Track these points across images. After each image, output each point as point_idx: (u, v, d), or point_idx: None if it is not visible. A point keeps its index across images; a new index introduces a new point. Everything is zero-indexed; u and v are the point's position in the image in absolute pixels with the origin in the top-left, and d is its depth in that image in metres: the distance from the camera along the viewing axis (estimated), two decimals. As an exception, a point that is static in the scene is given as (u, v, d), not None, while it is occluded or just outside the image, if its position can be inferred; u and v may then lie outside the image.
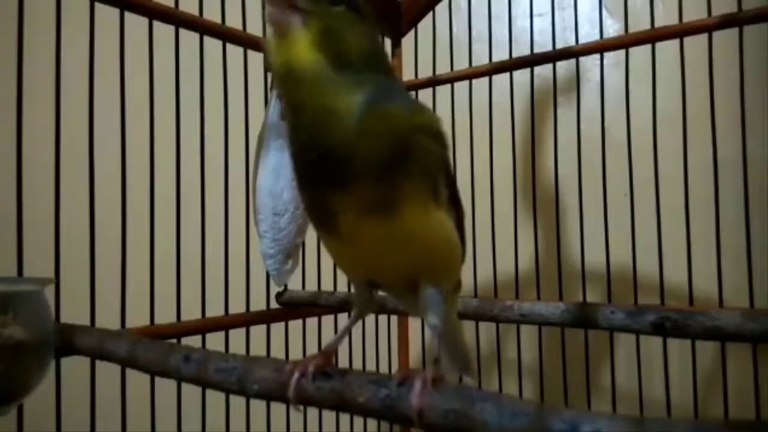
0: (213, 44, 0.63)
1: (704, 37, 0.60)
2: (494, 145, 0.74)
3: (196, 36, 0.61)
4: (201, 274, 0.61)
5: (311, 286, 0.73)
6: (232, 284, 0.64)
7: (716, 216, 0.59)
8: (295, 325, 0.72)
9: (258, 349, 0.63)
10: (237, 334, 0.64)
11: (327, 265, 0.68)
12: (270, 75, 0.67)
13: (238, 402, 0.48)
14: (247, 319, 0.65)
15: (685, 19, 0.61)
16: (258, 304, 0.68)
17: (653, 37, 0.63)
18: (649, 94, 0.63)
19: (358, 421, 0.77)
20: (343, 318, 0.40)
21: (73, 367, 0.48)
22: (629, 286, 0.64)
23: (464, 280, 0.72)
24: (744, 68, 0.58)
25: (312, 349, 0.63)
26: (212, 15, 0.63)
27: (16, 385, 0.40)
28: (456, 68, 0.78)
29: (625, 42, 0.64)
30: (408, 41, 0.81)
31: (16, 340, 0.39)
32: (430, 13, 0.80)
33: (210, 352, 0.36)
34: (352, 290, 0.44)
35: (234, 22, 0.65)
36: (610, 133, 0.67)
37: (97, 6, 0.53)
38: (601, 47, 0.66)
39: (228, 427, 0.62)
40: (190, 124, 0.60)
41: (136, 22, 0.55)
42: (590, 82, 0.85)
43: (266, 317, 0.67)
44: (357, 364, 0.77)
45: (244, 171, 0.67)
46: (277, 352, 0.65)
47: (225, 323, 0.63)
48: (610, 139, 0.66)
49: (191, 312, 0.60)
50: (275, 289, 0.71)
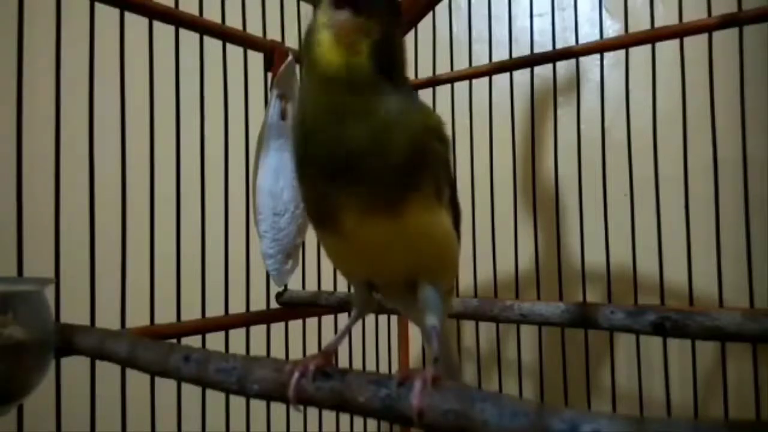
0: (213, 44, 0.63)
1: (704, 37, 0.60)
2: (494, 145, 0.74)
3: (196, 36, 0.61)
4: (201, 274, 0.61)
5: (311, 286, 0.73)
6: (232, 284, 0.64)
7: (716, 216, 0.59)
8: (295, 325, 0.72)
9: (258, 349, 0.63)
10: (237, 334, 0.64)
11: (327, 265, 0.68)
12: (269, 75, 0.67)
13: (238, 402, 0.48)
14: (247, 319, 0.65)
15: (685, 19, 0.61)
16: (258, 304, 0.68)
17: (653, 37, 0.63)
18: (649, 94, 0.63)
19: (358, 421, 0.77)
20: (343, 318, 0.40)
21: (73, 367, 0.48)
22: (629, 286, 0.64)
23: (464, 280, 0.74)
24: (744, 68, 0.58)
25: (312, 349, 0.63)
26: (212, 15, 0.63)
27: (16, 385, 0.40)
28: (456, 68, 0.78)
29: (625, 42, 0.64)
30: (408, 41, 0.80)
31: (16, 340, 0.39)
32: (430, 13, 0.80)
33: (210, 352, 0.36)
34: (352, 290, 0.44)
35: (234, 22, 0.65)
36: (610, 133, 0.67)
37: (97, 6, 0.53)
38: (601, 47, 0.66)
39: (228, 427, 0.62)
40: (190, 124, 0.60)
41: (136, 22, 0.55)
42: (590, 82, 0.85)
43: (266, 317, 0.67)
44: (357, 364, 0.77)
45: (244, 171, 0.67)
46: (277, 352, 0.65)
47: (225, 323, 0.63)
48: (610, 139, 0.66)
49: (191, 312, 0.60)
50: (275, 289, 0.71)
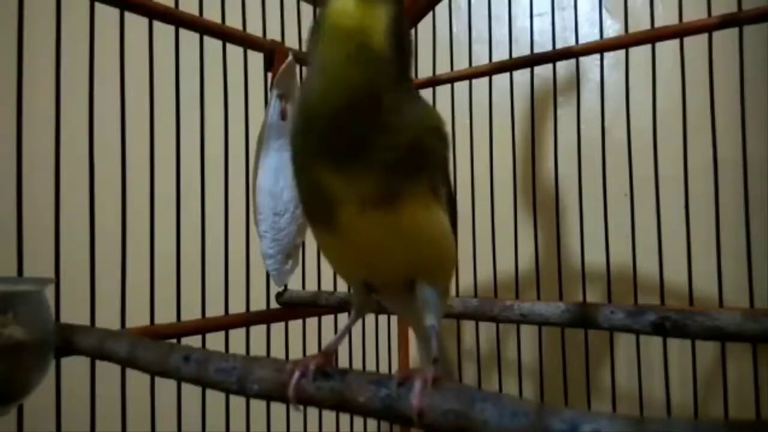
0: (213, 44, 0.63)
1: (704, 37, 0.60)
2: (494, 145, 0.74)
3: (196, 36, 0.61)
4: (201, 274, 0.61)
5: (311, 286, 0.73)
6: (232, 284, 0.64)
7: (716, 216, 0.59)
8: (295, 325, 0.72)
9: (258, 349, 0.63)
10: (237, 334, 0.64)
11: (327, 265, 0.68)
12: (269, 75, 0.67)
13: (238, 402, 0.48)
14: (247, 319, 0.65)
15: (685, 19, 0.61)
16: (258, 304, 0.68)
17: (653, 37, 0.63)
18: (649, 94, 0.63)
19: (358, 421, 0.77)
20: (343, 318, 0.40)
21: (73, 367, 0.48)
22: (629, 286, 0.64)
23: (464, 280, 0.74)
24: (744, 68, 0.58)
25: (312, 349, 0.63)
26: (212, 15, 0.63)
27: (16, 385, 0.40)
28: (456, 68, 0.78)
29: (625, 42, 0.64)
30: (408, 41, 0.80)
31: (16, 340, 0.39)
32: (430, 13, 0.80)
33: (210, 352, 0.36)
34: (351, 290, 0.44)
35: (234, 22, 0.65)
36: (610, 133, 0.66)
37: (97, 6, 0.53)
38: (601, 47, 0.66)
39: (228, 427, 0.62)
40: (190, 124, 0.60)
41: (136, 22, 0.55)
42: (590, 82, 0.85)
43: (266, 317, 0.67)
44: (357, 364, 0.77)
45: (244, 171, 0.67)
46: (277, 352, 0.65)
47: (225, 323, 0.63)
48: (610, 139, 0.66)
49: (191, 312, 0.60)
50: (275, 289, 0.71)
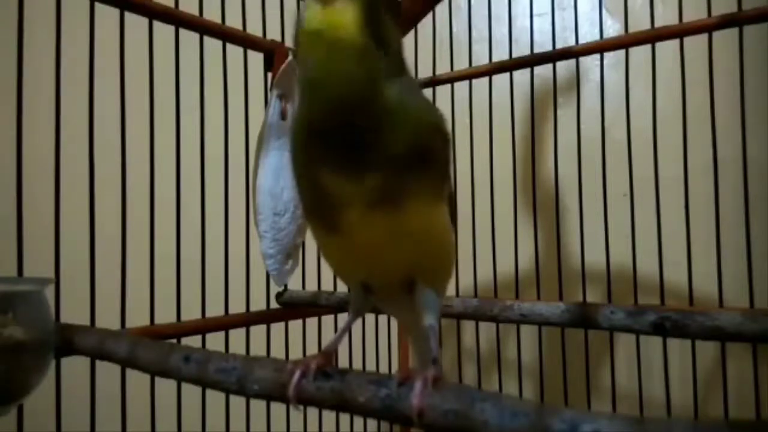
0: (213, 44, 0.63)
1: (704, 37, 0.60)
2: (494, 145, 0.74)
3: (196, 36, 0.61)
4: (201, 274, 0.61)
5: (311, 286, 0.73)
6: (232, 284, 0.64)
7: (716, 216, 0.59)
8: (295, 325, 0.72)
9: (258, 349, 0.63)
10: (237, 334, 0.64)
11: (327, 265, 0.68)
12: (270, 76, 0.67)
13: (238, 402, 0.48)
14: (247, 319, 0.65)
15: (685, 19, 0.61)
16: (258, 304, 0.68)
17: (653, 37, 0.63)
18: (649, 94, 0.63)
19: (358, 421, 0.77)
20: (343, 318, 0.40)
21: (73, 367, 0.48)
22: (629, 286, 0.64)
23: (464, 280, 0.73)
24: (744, 68, 0.58)
25: (312, 349, 0.63)
26: (212, 15, 0.63)
27: (16, 385, 0.40)
28: (456, 68, 0.78)
29: (625, 42, 0.64)
30: (408, 41, 0.80)
31: (16, 340, 0.39)
32: (430, 13, 0.80)
33: (210, 352, 0.36)
34: (350, 291, 0.43)
35: (234, 22, 0.65)
36: (610, 133, 0.66)
37: (97, 6, 0.53)
38: (601, 47, 0.66)
39: (228, 427, 0.62)
40: (190, 124, 0.60)
41: (136, 22, 0.55)
42: (590, 82, 0.85)
43: (266, 317, 0.67)
44: (357, 364, 0.77)
45: (244, 171, 0.67)
46: (277, 352, 0.65)
47: (225, 323, 0.63)
48: (610, 139, 0.66)
49: (191, 312, 0.60)
50: (275, 289, 0.71)
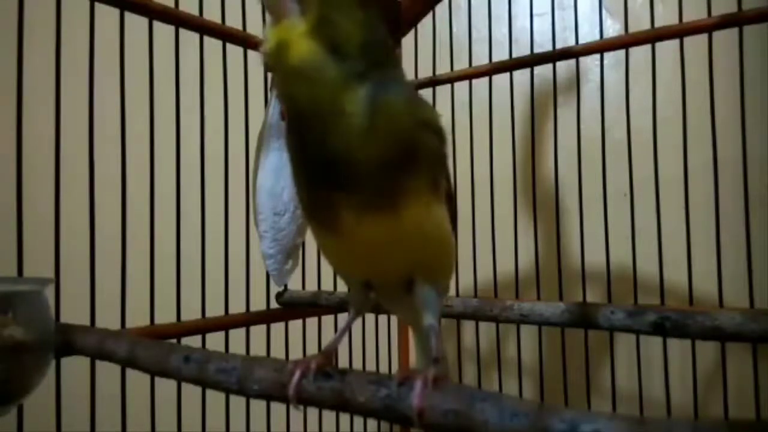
0: (213, 44, 0.63)
1: (704, 37, 0.60)
2: (494, 145, 0.74)
3: (196, 36, 0.61)
4: (201, 274, 0.61)
5: (311, 286, 0.73)
6: (232, 284, 0.64)
7: (716, 216, 0.59)
8: (295, 325, 0.72)
9: (258, 349, 0.63)
10: (237, 334, 0.64)
11: (327, 265, 0.68)
12: (270, 75, 0.67)
13: (238, 402, 0.48)
14: (247, 319, 0.65)
15: (685, 19, 0.61)
16: (258, 304, 0.68)
17: (653, 37, 0.63)
18: (649, 94, 0.63)
19: (358, 421, 0.77)
20: (343, 318, 0.40)
21: (73, 367, 0.48)
22: (629, 286, 0.64)
23: (464, 280, 0.73)
24: (744, 68, 0.58)
25: (312, 349, 0.63)
26: (212, 15, 0.63)
27: (16, 385, 0.40)
28: (456, 68, 0.78)
29: (625, 42, 0.64)
30: (408, 41, 0.80)
31: (16, 340, 0.39)
32: (430, 13, 0.80)
33: (210, 352, 0.36)
34: (350, 290, 0.43)
35: (234, 22, 0.65)
36: (610, 133, 0.66)
37: (97, 6, 0.53)
38: (601, 47, 0.66)
39: (228, 427, 0.62)
40: (190, 124, 0.60)
41: (136, 22, 0.55)
42: (590, 82, 0.85)
43: (266, 317, 0.67)
44: (357, 364, 0.77)
45: (244, 171, 0.67)
46: (277, 352, 0.65)
47: (225, 323, 0.63)
48: (610, 139, 0.66)
49: (191, 312, 0.60)
50: (275, 289, 0.71)
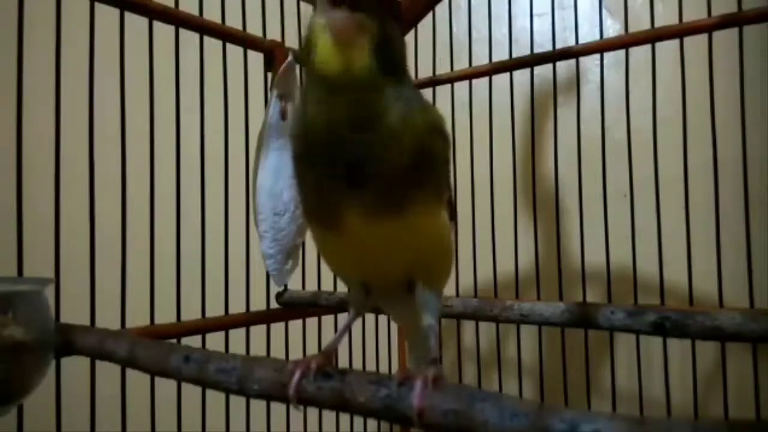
0: (213, 44, 0.63)
1: (704, 37, 0.60)
2: (494, 145, 0.74)
3: (196, 36, 0.61)
4: (201, 274, 0.61)
5: (311, 286, 0.73)
6: (232, 284, 0.64)
7: (716, 216, 0.59)
8: (295, 325, 0.72)
9: (258, 349, 0.63)
10: (237, 334, 0.64)
11: (327, 265, 0.68)
12: (269, 74, 0.67)
13: (238, 402, 0.48)
14: (247, 319, 0.65)
15: (685, 19, 0.61)
16: (258, 304, 0.68)
17: (653, 37, 0.63)
18: (649, 94, 0.63)
19: (358, 421, 0.77)
20: (344, 318, 0.40)
21: (73, 367, 0.48)
22: (629, 286, 0.64)
23: (464, 280, 0.73)
24: (744, 68, 0.58)
25: (312, 349, 0.63)
26: (212, 15, 0.63)
27: (16, 385, 0.40)
28: (456, 68, 0.78)
29: (625, 42, 0.64)
30: (408, 41, 0.80)
31: (16, 340, 0.39)
32: (430, 13, 0.80)
33: (210, 352, 0.36)
34: (349, 290, 0.44)
35: (234, 22, 0.65)
36: (610, 133, 0.66)
37: (97, 6, 0.53)
38: (601, 47, 0.66)
39: (228, 427, 0.62)
40: (190, 124, 0.60)
41: (136, 22, 0.55)
42: (590, 82, 0.85)
43: (266, 317, 0.67)
44: (357, 364, 0.77)
45: (244, 171, 0.67)
46: (277, 352, 0.65)
47: (225, 323, 0.63)
48: (610, 139, 0.66)
49: (191, 312, 0.60)
50: (275, 289, 0.71)
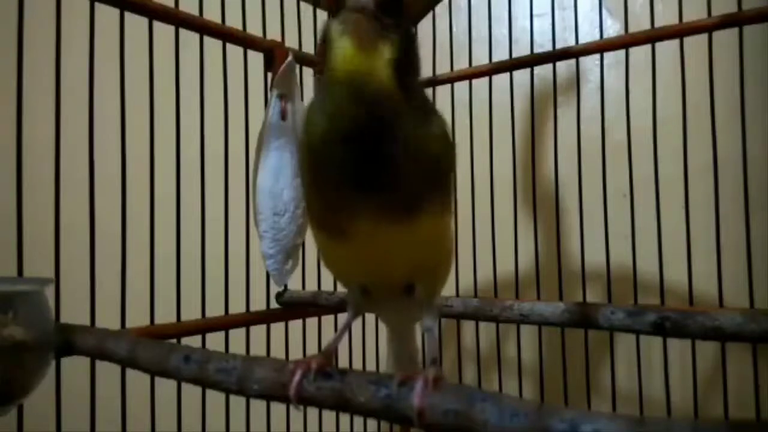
0: (213, 44, 0.63)
1: (704, 37, 0.60)
2: (494, 145, 0.74)
3: (196, 36, 0.61)
4: (201, 274, 0.61)
5: (311, 286, 0.73)
6: (232, 284, 0.64)
7: (716, 216, 0.59)
8: (295, 325, 0.72)
9: (258, 349, 0.63)
10: (237, 334, 0.64)
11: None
12: (269, 75, 0.67)
13: (238, 402, 0.48)
14: (247, 319, 0.65)
15: (685, 19, 0.61)
16: (258, 304, 0.68)
17: (653, 37, 0.63)
18: (649, 94, 0.63)
19: (358, 421, 0.77)
20: (343, 318, 0.40)
21: (73, 367, 0.48)
22: (629, 286, 0.64)
23: (464, 280, 0.73)
24: (744, 68, 0.58)
25: (312, 349, 0.63)
26: (212, 15, 0.63)
27: (16, 385, 0.40)
28: (456, 68, 0.78)
29: (625, 42, 0.64)
30: (408, 41, 0.80)
31: (16, 340, 0.39)
32: (430, 13, 0.80)
33: (210, 352, 0.36)
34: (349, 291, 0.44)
35: (234, 22, 0.65)
36: (610, 133, 0.66)
37: (97, 6, 0.53)
38: (601, 47, 0.66)
39: (228, 427, 0.62)
40: (190, 124, 0.60)
41: (136, 22, 0.55)
42: (590, 82, 0.85)
43: (266, 317, 0.67)
44: (357, 364, 0.77)
45: (244, 171, 0.67)
46: (277, 352, 0.65)
47: (225, 323, 0.63)
48: (610, 139, 0.66)
49: (191, 312, 0.60)
50: (275, 289, 0.71)
